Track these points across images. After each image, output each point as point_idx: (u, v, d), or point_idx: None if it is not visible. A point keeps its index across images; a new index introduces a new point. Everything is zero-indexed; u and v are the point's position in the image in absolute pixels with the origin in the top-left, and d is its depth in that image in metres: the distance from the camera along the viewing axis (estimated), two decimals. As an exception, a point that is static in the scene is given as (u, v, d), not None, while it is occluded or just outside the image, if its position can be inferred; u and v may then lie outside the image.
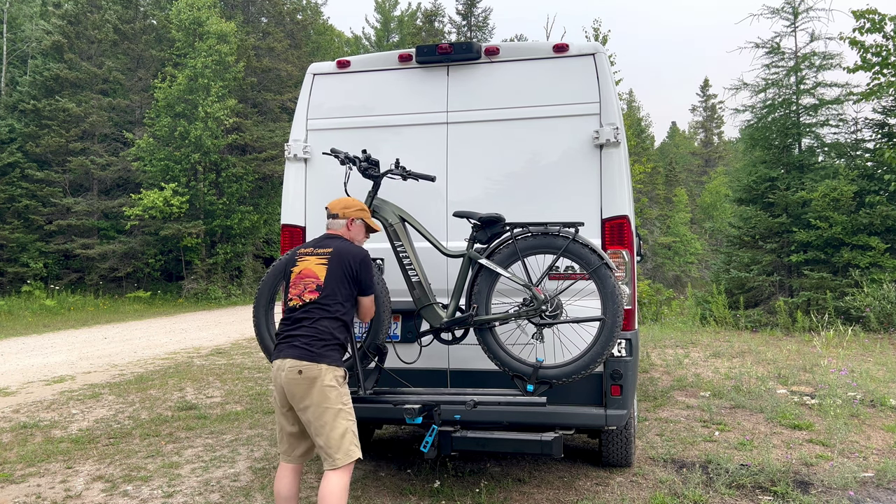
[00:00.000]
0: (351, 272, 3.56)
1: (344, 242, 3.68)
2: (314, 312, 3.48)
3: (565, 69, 4.36)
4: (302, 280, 3.57)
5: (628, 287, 4.20)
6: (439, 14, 36.26)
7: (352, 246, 3.66)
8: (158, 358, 11.16)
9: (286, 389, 3.40)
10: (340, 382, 3.44)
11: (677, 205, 48.80)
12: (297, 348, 3.41)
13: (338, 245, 3.64)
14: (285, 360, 3.41)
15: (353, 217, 3.79)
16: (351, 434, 3.41)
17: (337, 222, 3.79)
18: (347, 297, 3.56)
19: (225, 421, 6.79)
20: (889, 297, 12.78)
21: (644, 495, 4.53)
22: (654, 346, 11.24)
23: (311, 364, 3.36)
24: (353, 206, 3.81)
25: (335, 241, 3.68)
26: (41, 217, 24.95)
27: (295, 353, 3.40)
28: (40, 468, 5.36)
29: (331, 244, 3.66)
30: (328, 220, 3.83)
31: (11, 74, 27.31)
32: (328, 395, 3.36)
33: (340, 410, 3.39)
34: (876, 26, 13.22)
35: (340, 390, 3.42)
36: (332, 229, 3.81)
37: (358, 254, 3.62)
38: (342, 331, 3.52)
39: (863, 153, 16.02)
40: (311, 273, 3.56)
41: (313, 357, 3.38)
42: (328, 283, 3.52)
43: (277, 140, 27.48)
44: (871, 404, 6.92)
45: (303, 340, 3.42)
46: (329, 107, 4.70)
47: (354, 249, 3.64)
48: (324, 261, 3.58)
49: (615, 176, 4.22)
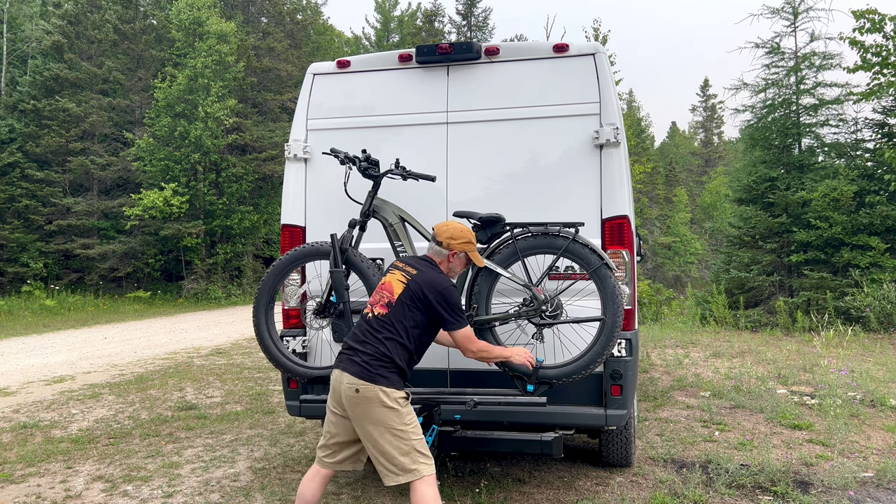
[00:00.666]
0: (424, 301, 3.43)
1: (433, 270, 3.55)
2: (381, 330, 3.40)
3: (565, 69, 4.36)
4: (381, 291, 3.52)
5: (628, 287, 4.20)
6: (439, 14, 36.26)
7: (437, 276, 3.52)
8: (158, 358, 11.16)
9: (346, 404, 3.35)
10: (402, 404, 3.34)
11: (677, 205, 48.81)
12: (357, 365, 3.34)
13: (426, 271, 3.53)
14: (344, 373, 3.36)
15: (458, 250, 3.63)
16: (416, 453, 3.31)
17: (440, 251, 3.63)
18: (417, 324, 3.44)
19: (225, 421, 6.79)
20: (889, 297, 12.78)
21: (644, 495, 4.53)
22: (654, 346, 11.24)
23: (368, 385, 3.28)
24: (460, 238, 3.62)
25: (425, 267, 3.57)
26: (41, 217, 24.96)
27: (354, 370, 3.33)
28: (40, 468, 5.36)
29: (421, 267, 3.55)
30: (431, 242, 3.67)
31: (11, 74, 27.31)
32: (388, 416, 3.28)
33: (403, 431, 3.31)
34: (876, 26, 13.22)
35: (401, 411, 3.33)
36: (432, 254, 3.66)
37: (438, 284, 3.46)
38: (403, 356, 3.41)
39: (863, 153, 16.02)
40: (390, 288, 3.50)
41: (371, 377, 3.29)
42: (397, 304, 3.43)
43: (277, 140, 27.48)
44: (871, 404, 6.92)
45: (363, 358, 3.35)
46: (329, 107, 4.70)
47: (437, 279, 3.49)
48: (404, 280, 3.49)
49: (615, 176, 4.22)
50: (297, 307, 4.60)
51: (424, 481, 3.29)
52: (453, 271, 3.69)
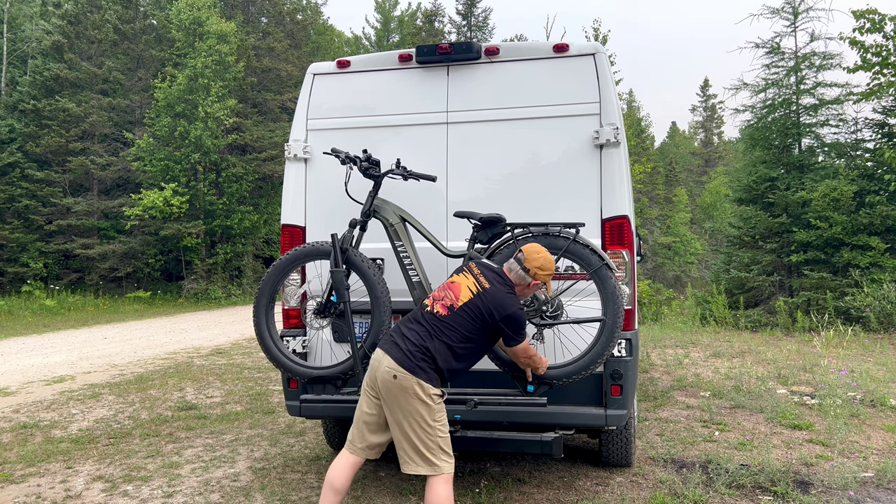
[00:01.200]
0: (491, 321, 3.41)
1: (505, 289, 3.47)
2: (435, 328, 3.39)
3: (565, 69, 4.36)
4: (448, 290, 3.50)
5: (628, 287, 4.20)
6: (439, 14, 36.26)
7: (509, 298, 3.45)
8: (158, 358, 11.16)
9: (380, 387, 3.35)
10: (435, 401, 3.35)
11: (677, 205, 48.82)
12: (401, 351, 3.33)
13: (499, 289, 3.46)
14: (385, 356, 3.36)
15: (541, 281, 3.54)
16: (439, 450, 3.32)
17: (523, 277, 3.52)
18: (474, 336, 3.42)
19: (225, 421, 6.79)
20: (889, 297, 12.78)
21: (644, 495, 4.53)
22: (654, 346, 11.24)
23: (407, 374, 3.28)
24: (547, 270, 3.53)
25: (499, 283, 3.48)
26: (41, 217, 24.95)
27: (396, 356, 3.32)
28: (40, 468, 5.36)
29: (495, 283, 3.47)
30: (516, 262, 3.56)
31: (11, 74, 27.31)
32: (419, 410, 3.29)
33: (432, 427, 3.31)
34: (876, 26, 13.22)
35: (434, 407, 3.33)
36: (513, 276, 3.55)
37: (509, 308, 3.41)
38: (448, 360, 3.39)
39: (863, 153, 16.02)
40: (457, 291, 3.47)
41: (412, 368, 3.29)
42: (460, 311, 3.40)
43: (277, 140, 27.48)
44: (871, 404, 6.92)
45: (409, 345, 3.34)
46: (329, 107, 4.70)
47: (509, 302, 3.43)
48: (474, 290, 3.45)
49: (615, 176, 4.22)
50: (297, 307, 4.60)
51: (442, 478, 3.31)
52: (524, 296, 3.64)
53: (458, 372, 3.50)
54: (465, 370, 3.56)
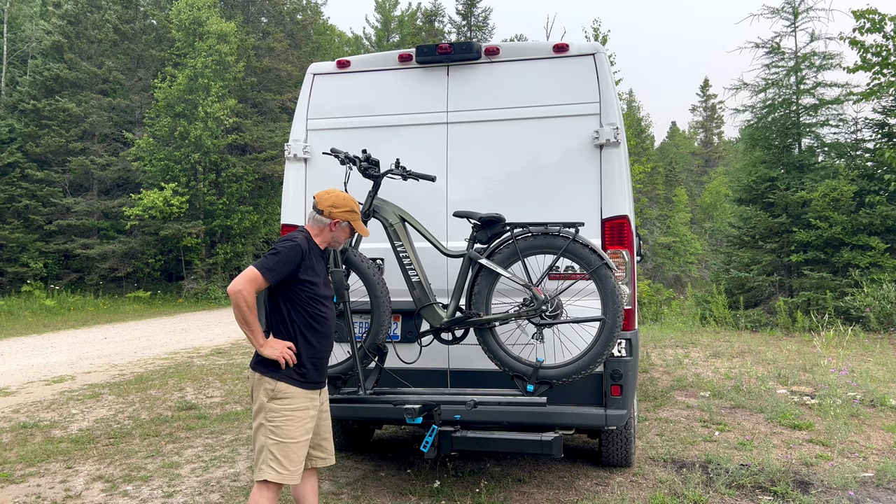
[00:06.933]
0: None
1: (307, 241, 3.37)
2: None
3: (565, 69, 4.36)
4: None
5: (628, 287, 4.20)
6: (439, 14, 36.24)
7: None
8: (158, 358, 11.16)
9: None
10: (270, 397, 3.26)
11: (677, 205, 48.82)
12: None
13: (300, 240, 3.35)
14: None
15: (340, 219, 3.42)
16: (267, 451, 3.23)
17: (320, 220, 3.41)
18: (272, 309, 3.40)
19: (225, 421, 6.79)
20: (889, 297, 12.77)
21: (644, 495, 4.53)
22: (654, 346, 11.24)
23: (251, 370, 3.38)
24: (342, 206, 3.41)
25: (300, 238, 3.35)
26: (41, 217, 24.94)
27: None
28: (40, 468, 5.36)
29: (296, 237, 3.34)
30: (312, 211, 3.46)
31: (11, 74, 27.30)
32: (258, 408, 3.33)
33: (261, 426, 3.28)
34: (876, 26, 13.22)
35: (266, 405, 3.26)
36: (310, 225, 3.45)
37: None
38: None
39: (863, 153, 16.03)
40: None
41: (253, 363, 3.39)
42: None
43: (277, 140, 27.47)
44: (871, 404, 6.92)
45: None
46: (329, 107, 4.70)
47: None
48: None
49: (615, 176, 4.22)
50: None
51: (265, 486, 3.29)
52: (336, 241, 3.50)
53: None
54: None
